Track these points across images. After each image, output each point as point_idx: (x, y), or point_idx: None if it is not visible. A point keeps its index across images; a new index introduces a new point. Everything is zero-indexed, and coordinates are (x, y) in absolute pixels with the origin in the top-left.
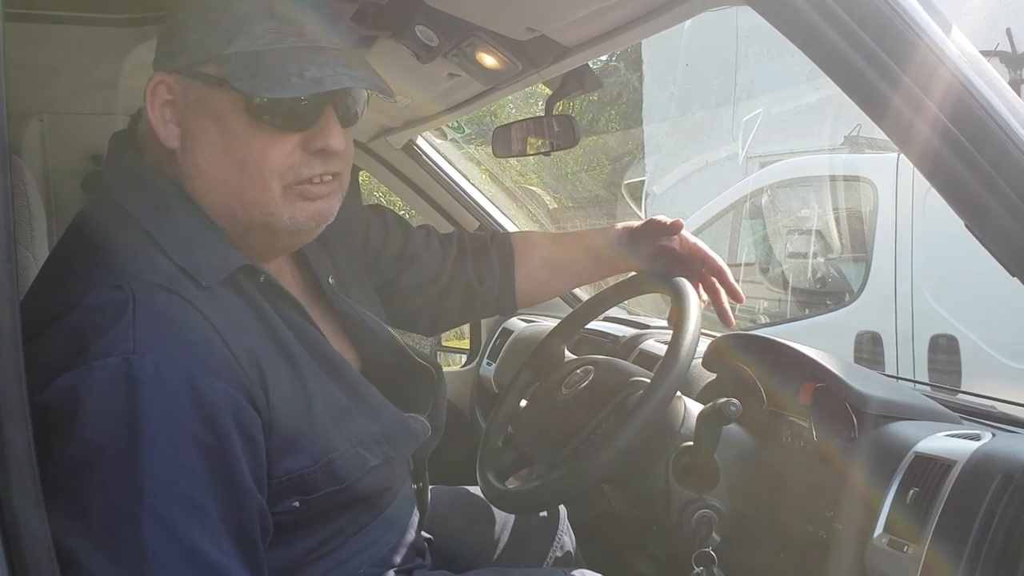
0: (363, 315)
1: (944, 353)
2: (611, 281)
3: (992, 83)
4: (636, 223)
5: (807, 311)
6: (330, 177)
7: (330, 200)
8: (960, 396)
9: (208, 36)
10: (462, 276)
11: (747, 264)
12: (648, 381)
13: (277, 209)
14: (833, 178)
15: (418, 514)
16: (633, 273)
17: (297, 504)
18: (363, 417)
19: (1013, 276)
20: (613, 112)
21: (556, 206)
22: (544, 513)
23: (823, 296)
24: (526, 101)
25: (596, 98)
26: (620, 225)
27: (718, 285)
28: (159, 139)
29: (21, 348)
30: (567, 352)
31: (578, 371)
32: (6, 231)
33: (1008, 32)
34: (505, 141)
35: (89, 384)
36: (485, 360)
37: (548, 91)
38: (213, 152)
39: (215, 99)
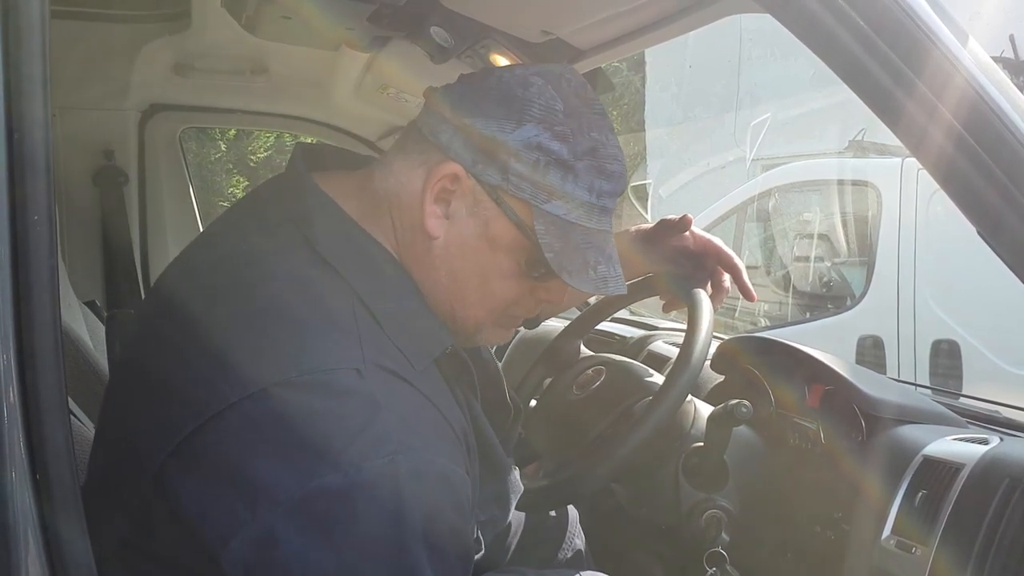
0: (487, 352)
1: (946, 358)
2: None
3: (1006, 91)
4: (647, 225)
5: (809, 314)
6: (527, 317)
7: (513, 331)
8: (962, 400)
9: (531, 176)
10: None
11: (750, 267)
12: (659, 382)
13: (483, 327)
14: (837, 182)
15: None
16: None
17: None
18: (500, 503)
19: None
20: (615, 113)
21: None
22: (553, 513)
23: (825, 300)
24: None
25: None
26: (632, 228)
27: (726, 283)
28: (419, 220)
29: (61, 342)
30: (583, 348)
31: (589, 371)
32: (49, 229)
33: (1011, 38)
34: None
35: (360, 486)
36: None
37: None
38: (468, 264)
39: (504, 232)
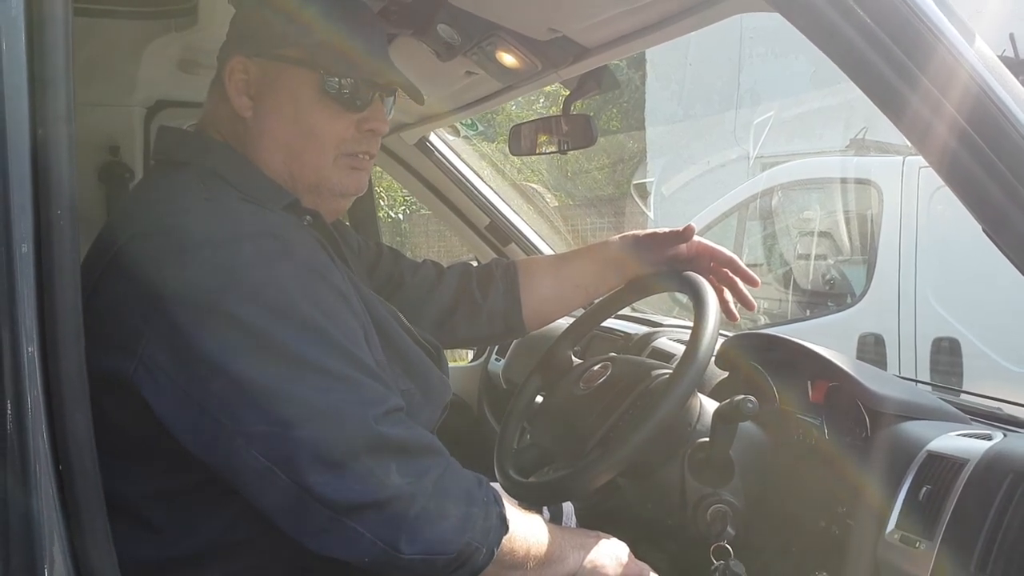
0: (371, 293)
1: (947, 355)
2: None
3: (1010, 87)
4: (641, 232)
5: (810, 312)
6: (368, 156)
7: (366, 175)
8: (963, 396)
9: (292, 28)
10: (466, 293)
11: (752, 265)
12: (668, 372)
13: (329, 173)
14: (839, 180)
15: None
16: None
17: None
18: (386, 348)
19: None
20: (615, 110)
21: (558, 204)
22: (547, 514)
23: (827, 297)
24: (527, 98)
25: (598, 96)
26: (628, 234)
27: (732, 275)
28: (233, 109)
29: (83, 334)
30: (574, 358)
31: (595, 368)
32: (71, 222)
33: (1011, 37)
34: (522, 139)
35: (236, 262)
36: (494, 356)
37: (551, 87)
38: (284, 120)
39: (293, 76)
